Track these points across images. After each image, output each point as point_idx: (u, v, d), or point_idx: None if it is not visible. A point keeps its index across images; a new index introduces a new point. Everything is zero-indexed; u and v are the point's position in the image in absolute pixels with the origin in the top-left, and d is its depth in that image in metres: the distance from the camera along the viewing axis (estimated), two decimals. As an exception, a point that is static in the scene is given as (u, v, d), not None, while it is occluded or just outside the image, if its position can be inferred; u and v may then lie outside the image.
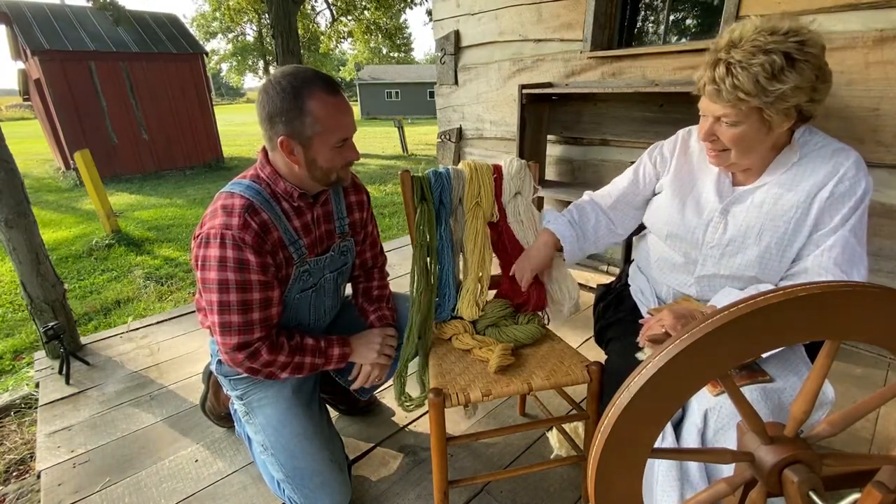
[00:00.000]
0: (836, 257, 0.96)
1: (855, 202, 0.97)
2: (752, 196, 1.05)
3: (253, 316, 1.10)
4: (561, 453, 1.47)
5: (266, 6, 9.33)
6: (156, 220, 6.01)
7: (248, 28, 25.87)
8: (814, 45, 0.89)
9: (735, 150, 1.00)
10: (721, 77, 0.92)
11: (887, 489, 0.64)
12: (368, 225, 1.42)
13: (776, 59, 0.87)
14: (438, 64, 3.42)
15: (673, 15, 2.52)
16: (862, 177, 0.97)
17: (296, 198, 1.16)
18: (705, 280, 1.13)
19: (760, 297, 0.52)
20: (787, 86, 0.88)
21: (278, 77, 1.05)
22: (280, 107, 1.03)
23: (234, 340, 1.10)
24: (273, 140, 1.08)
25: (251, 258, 1.07)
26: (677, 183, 1.18)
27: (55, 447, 1.62)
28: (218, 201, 1.11)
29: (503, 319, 1.36)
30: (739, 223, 1.06)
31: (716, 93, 0.94)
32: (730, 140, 0.99)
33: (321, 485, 1.20)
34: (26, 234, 1.96)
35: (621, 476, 0.60)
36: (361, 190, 1.38)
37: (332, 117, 1.06)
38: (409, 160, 11.15)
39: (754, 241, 1.04)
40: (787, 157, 1.02)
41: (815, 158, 1.00)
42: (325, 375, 1.66)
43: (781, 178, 1.02)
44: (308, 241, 1.21)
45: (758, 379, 0.90)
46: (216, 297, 1.08)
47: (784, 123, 0.95)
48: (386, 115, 28.37)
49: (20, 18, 8.68)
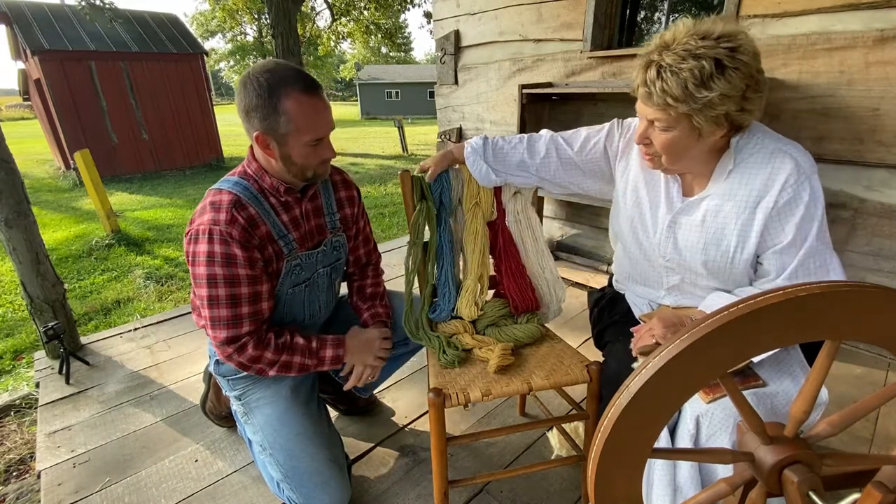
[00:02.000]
0: (809, 268, 0.95)
1: (805, 208, 0.92)
2: (697, 208, 1.03)
3: (242, 310, 1.11)
4: (561, 453, 1.47)
5: (266, 6, 9.32)
6: (156, 219, 6.01)
7: (248, 28, 25.88)
8: (745, 52, 0.85)
9: (665, 155, 0.98)
10: (652, 80, 0.90)
11: (887, 489, 0.64)
12: (360, 221, 1.43)
13: (705, 64, 0.84)
14: (438, 64, 3.42)
15: (673, 15, 2.53)
16: (804, 180, 0.92)
17: (282, 192, 1.17)
18: (675, 289, 1.14)
19: (760, 297, 0.52)
20: (715, 93, 0.85)
21: (257, 72, 1.05)
22: (255, 103, 1.04)
23: (224, 334, 1.11)
24: (250, 133, 1.10)
25: (238, 252, 1.08)
26: (636, 190, 1.15)
27: (55, 447, 1.62)
28: (207, 198, 1.13)
29: (503, 319, 1.36)
30: (685, 237, 1.05)
31: (647, 95, 0.92)
32: (661, 145, 0.97)
33: (320, 484, 1.20)
34: (26, 233, 1.96)
35: (621, 476, 0.60)
36: (352, 186, 1.39)
37: (307, 117, 1.06)
38: (409, 160, 11.15)
39: (701, 255, 1.03)
40: (724, 165, 0.99)
41: (749, 165, 0.97)
42: (325, 375, 1.66)
43: (721, 187, 1.00)
44: (297, 236, 1.22)
45: (751, 384, 0.90)
46: (205, 291, 1.09)
47: (716, 131, 0.92)
48: (386, 115, 28.37)
49: (20, 18, 8.69)
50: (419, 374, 1.97)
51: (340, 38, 19.98)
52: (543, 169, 1.26)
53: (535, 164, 1.26)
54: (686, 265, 1.07)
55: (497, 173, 1.29)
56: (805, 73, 1.86)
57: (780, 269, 0.97)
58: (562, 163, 1.25)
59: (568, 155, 1.24)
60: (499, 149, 1.28)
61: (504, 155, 1.27)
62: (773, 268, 0.98)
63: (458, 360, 1.22)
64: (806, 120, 1.90)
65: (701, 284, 1.09)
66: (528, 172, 1.28)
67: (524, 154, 1.26)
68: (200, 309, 1.15)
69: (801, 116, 1.91)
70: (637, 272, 1.21)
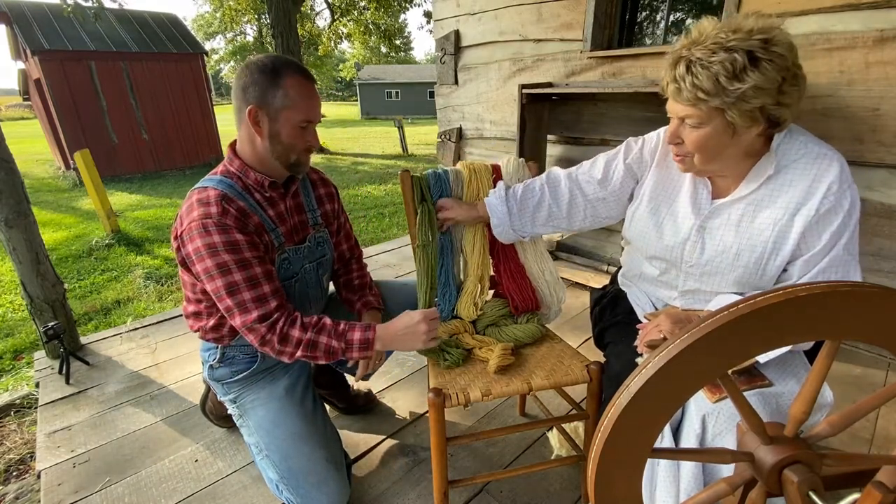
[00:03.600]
0: (829, 278, 0.92)
1: (843, 217, 0.90)
2: (729, 211, 1.00)
3: (264, 289, 1.11)
4: (561, 453, 1.47)
5: (266, 6, 9.32)
6: (156, 219, 6.00)
7: (248, 28, 25.86)
8: (780, 45, 0.83)
9: (698, 154, 0.94)
10: (681, 75, 0.87)
11: (887, 489, 0.64)
12: (340, 217, 1.45)
13: (738, 57, 0.82)
14: (438, 64, 3.42)
15: (673, 15, 2.53)
16: (846, 188, 0.91)
17: (266, 187, 1.18)
18: (689, 294, 1.11)
19: (760, 296, 0.52)
20: (748, 85, 0.82)
21: (260, 57, 1.11)
22: (256, 78, 1.08)
23: (254, 314, 1.09)
24: (241, 112, 1.11)
25: (239, 237, 1.08)
26: (655, 195, 1.12)
27: (55, 447, 1.62)
28: (192, 197, 1.11)
29: (503, 319, 1.36)
30: (716, 243, 1.01)
31: (677, 91, 0.89)
32: (693, 143, 0.93)
33: (317, 484, 1.20)
34: (26, 233, 1.96)
35: (621, 476, 0.60)
36: (329, 183, 1.42)
37: (304, 98, 1.11)
38: (409, 160, 11.15)
39: (732, 261, 1.00)
40: (763, 168, 0.95)
41: (793, 170, 0.94)
42: (322, 373, 1.66)
43: (758, 192, 0.97)
44: (284, 230, 1.23)
45: (757, 384, 0.90)
46: (221, 281, 1.07)
47: (751, 128, 0.89)
48: (386, 115, 28.37)
49: (20, 18, 8.69)
50: (419, 374, 1.97)
51: (340, 38, 19.97)
52: (573, 215, 1.23)
53: (562, 213, 1.23)
54: (712, 270, 1.03)
55: (523, 234, 1.30)
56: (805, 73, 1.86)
57: (800, 276, 0.95)
58: (587, 202, 1.21)
59: (592, 190, 1.20)
60: (524, 206, 1.25)
61: (531, 212, 1.25)
62: (795, 275, 0.96)
63: (461, 359, 1.22)
64: (806, 120, 1.90)
65: (721, 291, 1.05)
66: (557, 224, 1.26)
67: (550, 204, 1.23)
68: (218, 301, 1.11)
69: (802, 116, 1.90)
70: (650, 273, 1.18)
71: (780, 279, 1.00)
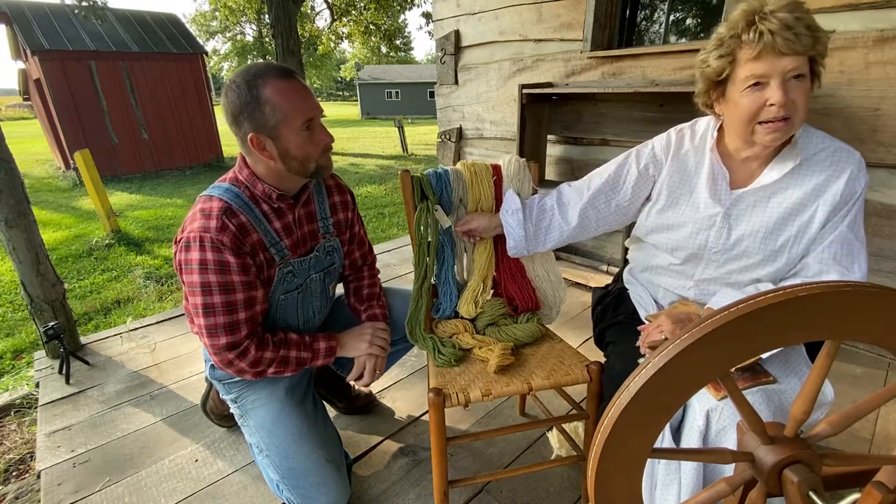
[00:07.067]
0: (835, 253, 0.97)
1: (854, 202, 0.98)
2: (755, 198, 1.04)
3: (239, 316, 1.11)
4: (561, 453, 1.47)
5: (266, 6, 9.32)
6: (156, 219, 6.00)
7: (248, 28, 25.88)
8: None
9: (802, 111, 0.91)
10: (790, 24, 0.83)
11: (887, 489, 0.64)
12: (355, 225, 1.43)
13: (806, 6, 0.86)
14: (438, 64, 3.42)
15: (673, 15, 2.53)
16: (862, 177, 0.98)
17: (275, 199, 1.16)
18: (704, 283, 1.13)
19: (760, 297, 0.52)
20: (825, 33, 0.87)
21: (233, 77, 1.06)
22: (239, 103, 1.04)
23: (223, 341, 1.11)
24: (244, 141, 1.09)
25: (231, 259, 1.07)
26: (673, 189, 1.14)
27: (55, 447, 1.62)
28: (197, 205, 1.12)
29: (503, 318, 1.36)
30: (743, 227, 1.04)
31: (794, 38, 0.83)
32: (802, 98, 0.89)
33: (317, 485, 1.20)
34: (26, 233, 1.96)
35: (621, 476, 0.60)
36: (345, 190, 1.39)
37: (290, 100, 1.05)
38: (409, 160, 11.15)
39: (759, 244, 1.03)
40: (788, 156, 1.00)
41: (815, 161, 0.99)
42: (323, 374, 1.66)
43: (782, 181, 1.01)
44: (290, 242, 1.21)
45: (761, 381, 0.90)
46: (200, 300, 1.08)
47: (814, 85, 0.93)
48: (386, 115, 28.37)
49: (20, 18, 8.68)
50: (419, 374, 1.97)
51: (340, 38, 19.96)
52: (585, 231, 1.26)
53: (573, 233, 1.25)
54: (738, 255, 1.06)
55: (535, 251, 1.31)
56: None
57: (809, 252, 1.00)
58: (599, 217, 1.23)
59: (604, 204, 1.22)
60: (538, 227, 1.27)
61: (544, 234, 1.27)
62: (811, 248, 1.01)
63: (454, 358, 1.22)
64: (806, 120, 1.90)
65: (742, 279, 1.08)
66: (567, 239, 1.28)
67: (560, 223, 1.25)
68: (194, 317, 1.14)
69: (802, 116, 1.90)
70: (666, 263, 1.19)
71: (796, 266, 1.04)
